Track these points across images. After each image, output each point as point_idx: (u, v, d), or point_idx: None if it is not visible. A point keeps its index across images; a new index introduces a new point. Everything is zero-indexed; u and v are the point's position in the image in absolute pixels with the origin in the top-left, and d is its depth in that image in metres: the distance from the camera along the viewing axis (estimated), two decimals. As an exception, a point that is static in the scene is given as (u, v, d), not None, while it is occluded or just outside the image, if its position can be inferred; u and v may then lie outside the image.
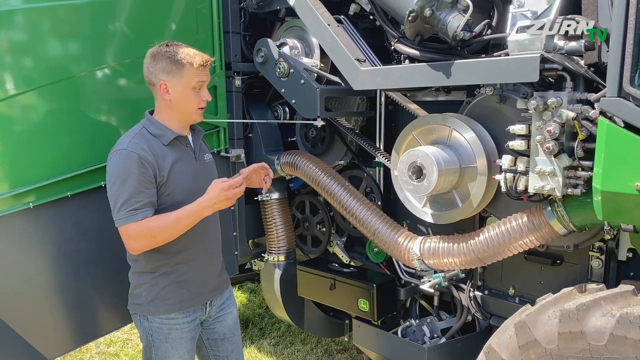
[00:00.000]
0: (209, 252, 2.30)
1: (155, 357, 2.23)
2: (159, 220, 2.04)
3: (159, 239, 2.05)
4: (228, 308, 2.44)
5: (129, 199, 2.01)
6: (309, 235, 3.37)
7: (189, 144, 2.24)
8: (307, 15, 2.54)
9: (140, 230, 2.02)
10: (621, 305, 1.79)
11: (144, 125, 2.15)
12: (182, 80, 2.09)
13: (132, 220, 2.00)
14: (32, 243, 2.44)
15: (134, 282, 2.24)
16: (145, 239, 2.04)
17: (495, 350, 2.02)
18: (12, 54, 2.29)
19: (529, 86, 2.01)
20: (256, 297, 5.12)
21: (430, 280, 2.60)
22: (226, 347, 2.44)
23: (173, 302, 2.18)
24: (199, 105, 2.15)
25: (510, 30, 1.94)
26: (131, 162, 2.02)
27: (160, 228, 2.03)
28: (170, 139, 2.14)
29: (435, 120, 2.35)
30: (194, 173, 2.20)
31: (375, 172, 2.99)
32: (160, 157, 2.09)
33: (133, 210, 2.01)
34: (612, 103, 1.72)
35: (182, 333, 2.22)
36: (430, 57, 2.22)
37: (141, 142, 2.08)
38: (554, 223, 2.08)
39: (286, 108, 3.23)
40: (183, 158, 2.18)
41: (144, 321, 2.21)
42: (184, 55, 2.08)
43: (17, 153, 2.35)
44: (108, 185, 2.09)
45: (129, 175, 2.02)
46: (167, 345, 2.20)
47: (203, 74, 2.13)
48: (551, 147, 1.88)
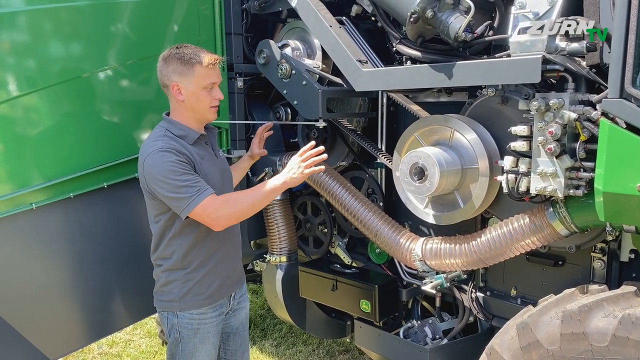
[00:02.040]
0: (234, 244, 2.36)
1: (182, 352, 2.25)
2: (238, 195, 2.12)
3: (240, 206, 2.09)
4: (243, 302, 2.50)
5: (187, 184, 2.02)
6: (310, 236, 3.37)
7: (207, 142, 2.29)
8: (309, 16, 2.55)
9: (219, 203, 2.05)
10: (623, 306, 1.79)
11: (166, 128, 2.17)
12: (193, 80, 2.13)
13: (202, 199, 2.01)
14: (35, 244, 2.45)
15: (163, 280, 2.25)
16: (225, 209, 2.06)
17: (497, 351, 2.02)
18: (15, 55, 2.30)
19: (530, 87, 2.00)
20: (258, 298, 5.12)
21: (432, 281, 2.60)
22: (235, 341, 2.48)
23: (204, 296, 2.23)
24: (212, 104, 2.19)
25: (511, 31, 1.95)
26: (169, 156, 2.04)
27: (241, 201, 2.08)
28: (195, 138, 2.18)
29: (437, 122, 2.35)
30: (218, 170, 2.28)
31: (377, 173, 2.99)
32: (193, 156, 2.13)
33: (197, 189, 2.02)
34: (614, 104, 1.72)
35: (210, 327, 2.27)
36: (432, 58, 2.23)
37: (171, 142, 2.10)
38: (555, 224, 2.08)
39: (288, 109, 3.23)
40: (207, 156, 2.24)
41: (173, 318, 2.24)
42: (193, 55, 2.12)
43: (20, 154, 2.35)
44: (156, 187, 2.07)
45: (173, 167, 2.03)
46: (196, 340, 2.24)
47: (213, 73, 2.17)
48: (553, 148, 1.88)
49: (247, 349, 2.57)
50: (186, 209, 2.03)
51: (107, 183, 2.58)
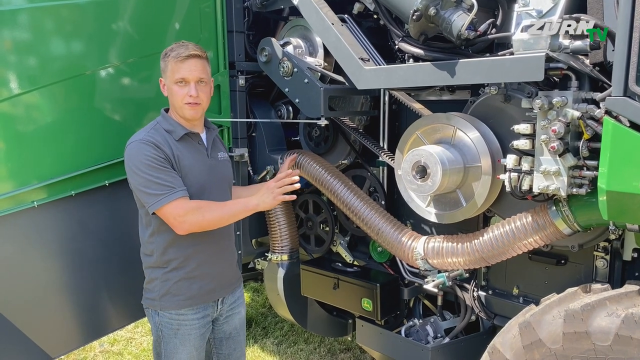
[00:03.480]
0: (220, 248, 2.30)
1: (164, 351, 2.25)
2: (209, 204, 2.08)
3: (208, 217, 2.07)
4: (237, 308, 2.44)
5: (159, 182, 2.02)
6: (312, 235, 3.37)
7: (201, 141, 2.26)
8: (311, 14, 2.54)
9: (189, 207, 2.03)
10: (626, 305, 1.78)
11: (158, 122, 2.20)
12: (167, 75, 2.15)
13: (172, 199, 2.01)
14: (37, 242, 2.45)
15: (147, 277, 2.27)
16: (193, 215, 2.04)
17: (499, 350, 2.02)
18: (16, 53, 2.29)
19: (533, 85, 2.00)
20: (259, 297, 5.12)
21: (434, 280, 2.59)
22: (229, 346, 2.45)
23: (183, 297, 2.20)
24: (184, 101, 2.13)
25: (515, 29, 1.94)
26: (148, 149, 2.05)
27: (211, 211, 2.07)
28: (181, 134, 2.17)
29: (439, 120, 2.35)
30: (204, 169, 2.22)
31: (379, 172, 2.98)
32: (174, 151, 2.12)
33: (170, 188, 2.02)
34: (617, 102, 1.71)
35: (191, 329, 2.24)
36: (434, 56, 2.22)
37: (155, 135, 2.12)
38: (558, 223, 2.08)
39: (290, 107, 3.23)
40: (194, 154, 2.21)
41: (155, 315, 2.24)
42: (170, 50, 2.14)
43: (21, 152, 2.35)
44: (130, 178, 2.10)
45: (149, 161, 2.04)
46: (176, 340, 2.23)
47: (183, 68, 2.10)
48: (556, 147, 1.87)
49: (242, 354, 2.51)
50: (154, 205, 2.03)
51: (109, 181, 2.58)
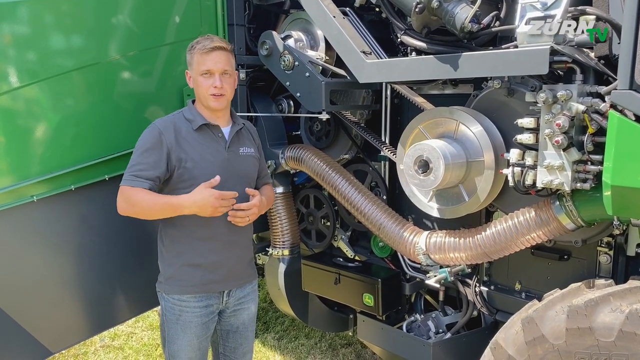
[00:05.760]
0: (229, 241, 2.29)
1: (167, 335, 2.29)
2: (145, 195, 2.11)
3: (137, 209, 2.14)
4: (247, 304, 2.44)
5: (136, 165, 2.14)
6: (313, 230, 3.36)
7: (221, 133, 2.28)
8: (312, 7, 2.52)
9: (129, 195, 2.12)
10: (630, 301, 1.77)
11: (182, 110, 2.29)
12: (193, 67, 2.22)
13: (128, 184, 2.12)
14: (36, 236, 2.45)
15: (159, 260, 2.33)
16: (127, 204, 2.14)
17: (501, 345, 2.00)
18: (16, 46, 2.28)
19: (537, 79, 1.98)
20: (260, 292, 5.12)
21: (435, 275, 2.58)
22: (235, 339, 2.46)
23: (185, 284, 2.24)
24: (209, 92, 2.19)
25: (519, 21, 1.91)
26: (153, 135, 2.16)
27: (140, 202, 2.11)
28: (199, 124, 2.22)
29: (442, 114, 2.33)
30: (218, 161, 2.24)
31: (381, 166, 2.97)
32: (184, 139, 2.19)
33: (134, 176, 2.12)
34: (623, 96, 1.69)
35: (192, 317, 2.25)
36: (437, 49, 2.20)
37: (167, 121, 2.22)
38: (562, 218, 2.06)
39: (291, 101, 3.21)
40: (210, 145, 2.24)
41: (162, 299, 2.30)
42: (196, 43, 2.21)
43: (21, 146, 2.34)
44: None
45: (140, 145, 2.17)
46: (177, 326, 2.26)
47: (208, 60, 2.17)
48: (560, 141, 1.85)
49: (249, 350, 2.51)
50: (121, 183, 2.15)
51: (109, 175, 2.57)
